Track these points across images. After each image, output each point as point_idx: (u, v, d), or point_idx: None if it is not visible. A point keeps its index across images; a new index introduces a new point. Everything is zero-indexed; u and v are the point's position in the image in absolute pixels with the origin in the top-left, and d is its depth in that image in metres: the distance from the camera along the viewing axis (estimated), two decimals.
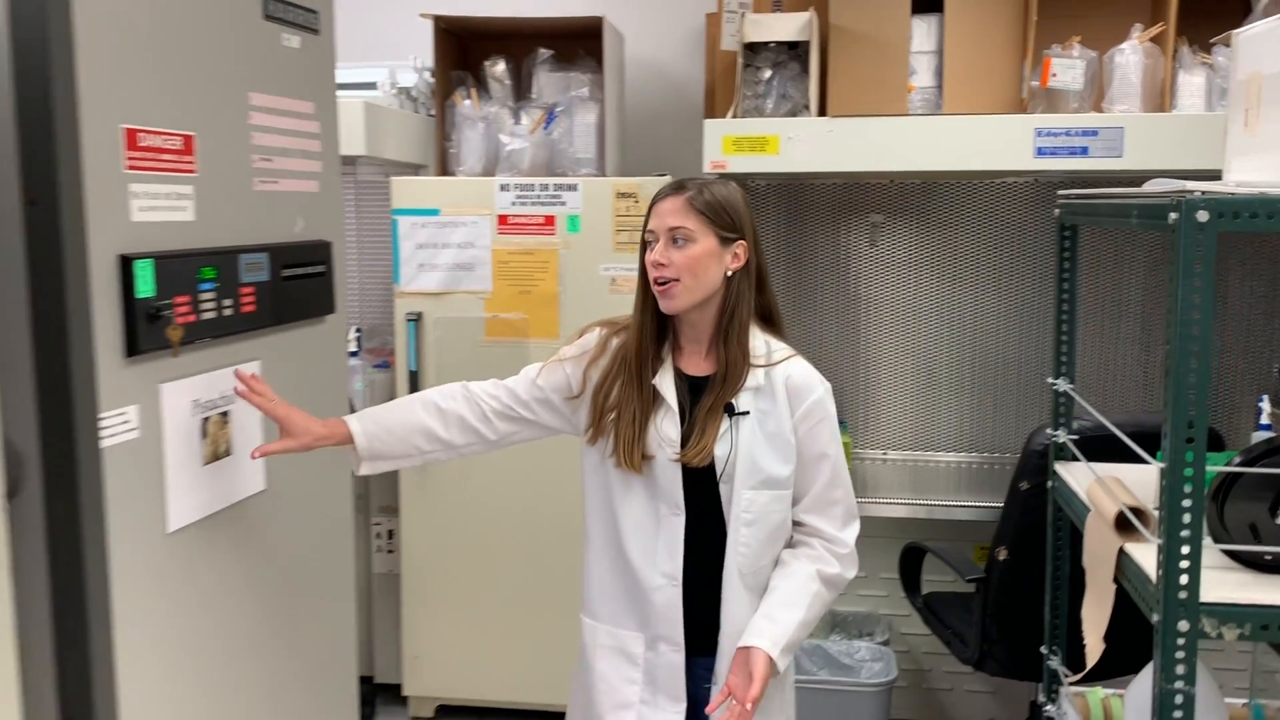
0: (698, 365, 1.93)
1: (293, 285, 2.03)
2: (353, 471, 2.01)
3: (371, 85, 3.53)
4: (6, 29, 1.40)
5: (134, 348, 1.59)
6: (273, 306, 1.95)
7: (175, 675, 1.71)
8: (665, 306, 1.87)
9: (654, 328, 1.91)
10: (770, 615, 1.83)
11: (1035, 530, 2.49)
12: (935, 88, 3.17)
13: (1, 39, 1.40)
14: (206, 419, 1.79)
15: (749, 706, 1.73)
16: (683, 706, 1.92)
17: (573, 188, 3.30)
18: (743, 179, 3.55)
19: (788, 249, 3.67)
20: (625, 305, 3.16)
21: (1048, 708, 2.27)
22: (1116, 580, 1.69)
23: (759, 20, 3.18)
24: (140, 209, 1.62)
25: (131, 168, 1.60)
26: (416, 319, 3.37)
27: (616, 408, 1.90)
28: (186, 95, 1.73)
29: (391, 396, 3.45)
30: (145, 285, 1.61)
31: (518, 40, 3.63)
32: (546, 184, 3.33)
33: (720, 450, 1.86)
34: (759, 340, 1.90)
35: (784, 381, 1.88)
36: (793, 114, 3.20)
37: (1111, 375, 3.58)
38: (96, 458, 1.50)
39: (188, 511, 1.75)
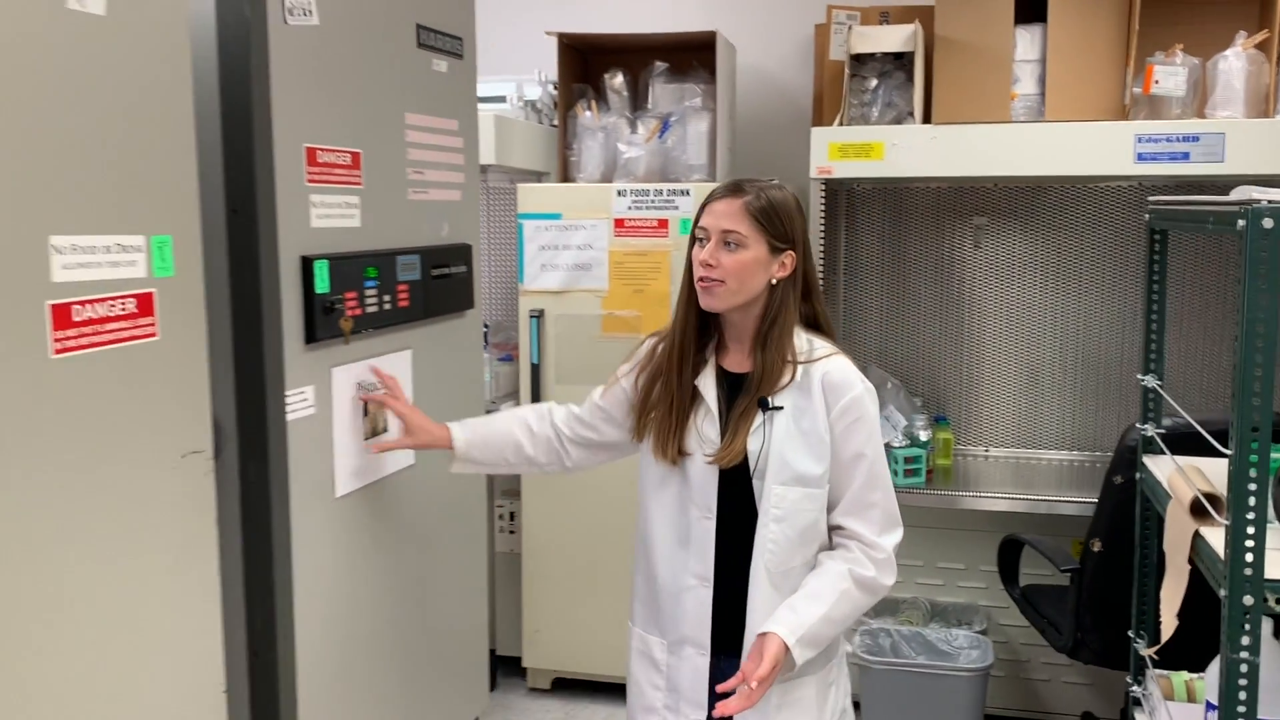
0: (739, 363, 1.92)
1: (439, 283, 2.28)
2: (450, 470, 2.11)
3: (501, 99, 3.79)
4: (216, 71, 1.67)
5: (312, 336, 1.85)
6: (423, 302, 2.21)
7: (338, 618, 1.97)
8: (704, 303, 1.86)
9: (696, 323, 1.91)
10: (792, 605, 1.81)
11: (1127, 522, 2.58)
12: (1038, 95, 3.27)
13: (212, 78, 1.67)
14: (368, 400, 2.05)
15: (754, 685, 1.70)
16: (703, 714, 1.90)
17: (685, 193, 3.50)
18: (847, 184, 3.70)
19: (891, 250, 3.80)
20: None
21: (1134, 689, 2.38)
22: (1191, 562, 1.81)
23: (865, 32, 3.33)
24: (318, 216, 1.88)
25: (311, 181, 1.86)
26: (539, 316, 3.61)
27: (658, 402, 1.91)
28: (354, 117, 1.99)
29: (515, 388, 3.71)
30: (322, 282, 1.87)
31: (635, 54, 3.85)
32: (660, 189, 3.53)
33: (753, 445, 1.84)
34: (801, 339, 1.88)
35: (821, 378, 1.85)
36: (897, 121, 3.34)
37: (1212, 373, 3.62)
38: (283, 429, 1.77)
39: (351, 479, 2.01)
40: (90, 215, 1.38)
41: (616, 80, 3.82)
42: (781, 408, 1.83)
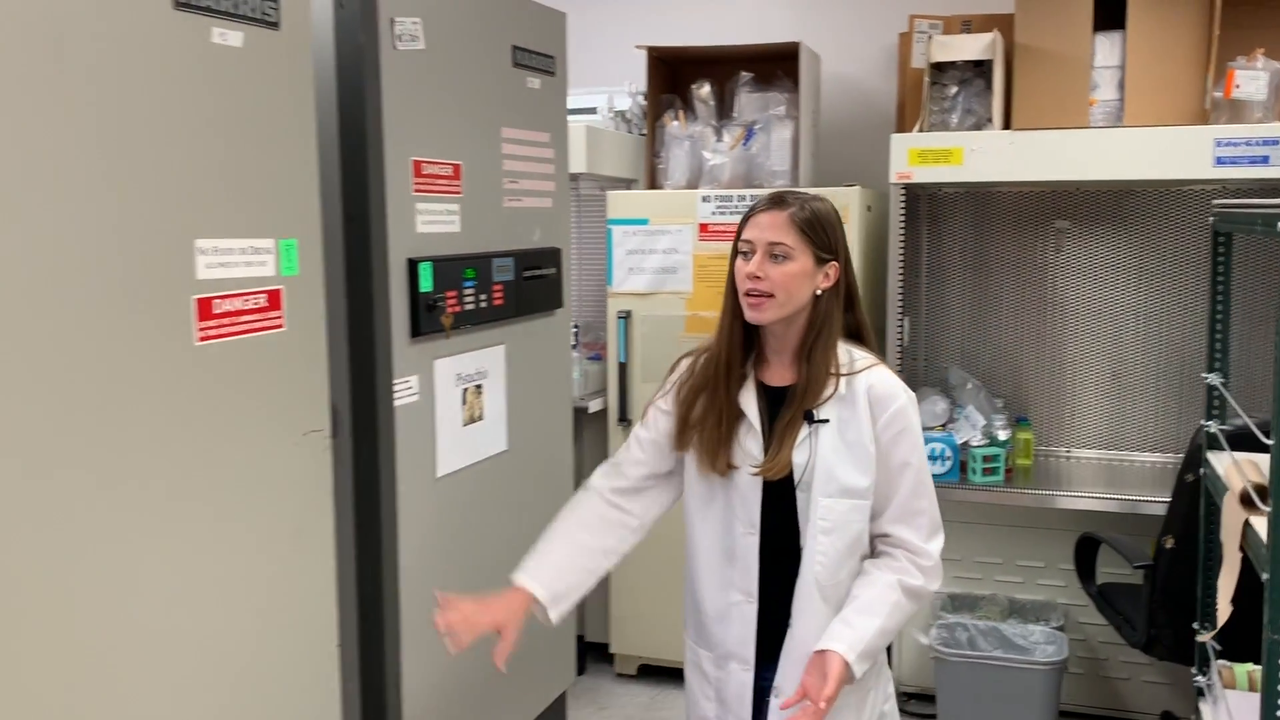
0: (780, 376, 1.91)
1: (531, 284, 2.46)
2: (547, 623, 1.90)
3: (592, 110, 3.98)
4: (335, 92, 1.87)
5: (417, 330, 2.05)
6: (516, 301, 2.39)
7: (436, 586, 2.16)
8: (751, 317, 1.85)
9: (741, 336, 1.90)
10: (848, 621, 1.81)
11: (1199, 519, 2.63)
12: (1118, 100, 3.32)
13: (331, 99, 1.87)
14: (465, 389, 2.23)
15: (822, 705, 1.71)
16: None
17: None
18: (929, 188, 3.78)
19: (973, 253, 3.87)
20: None
21: (1198, 679, 2.44)
22: (1242, 549, 1.88)
23: (945, 41, 3.42)
24: (423, 222, 2.07)
25: (417, 190, 2.05)
26: (626, 316, 3.78)
27: (704, 416, 1.89)
28: (455, 131, 2.18)
29: (603, 386, 3.88)
30: (426, 282, 2.06)
31: (722, 65, 3.99)
32: (744, 195, 3.67)
33: (798, 458, 1.84)
34: (842, 350, 1.88)
35: (865, 390, 1.85)
36: (976, 128, 3.42)
37: None
38: (391, 414, 1.96)
39: (450, 462, 2.19)
40: (228, 221, 1.58)
41: (703, 90, 3.97)
42: (827, 420, 1.83)
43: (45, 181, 1.31)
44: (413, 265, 2.02)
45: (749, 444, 1.86)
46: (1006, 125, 3.38)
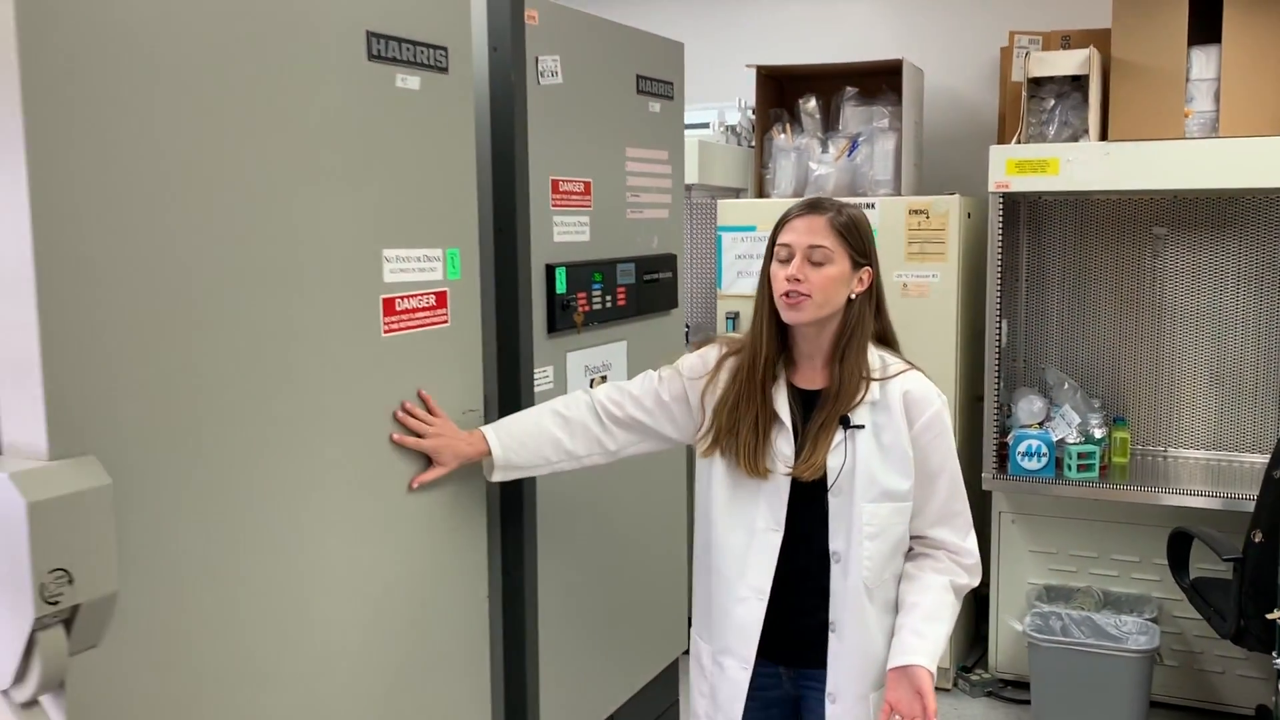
0: (811, 379, 1.94)
1: (650, 287, 2.73)
2: (486, 478, 2.06)
3: (704, 125, 4.25)
4: (489, 123, 2.17)
5: (552, 327, 2.33)
6: (637, 302, 2.66)
7: (565, 551, 2.45)
8: (789, 317, 1.88)
9: (776, 339, 1.93)
10: (918, 631, 1.85)
11: None
12: (1213, 112, 3.44)
13: (485, 129, 2.17)
14: (592, 379, 2.52)
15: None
16: None
17: (871, 206, 3.84)
18: (1029, 196, 3.93)
19: (1072, 259, 4.02)
20: (916, 308, 3.69)
21: (1277, 662, 2.57)
22: None
23: (1042, 57, 3.59)
24: (558, 233, 2.36)
25: (554, 205, 2.34)
26: (734, 317, 4.03)
27: (737, 421, 1.92)
28: (586, 153, 2.46)
29: None
30: (560, 285, 2.34)
31: (827, 80, 4.22)
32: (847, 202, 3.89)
33: (833, 463, 1.86)
34: (873, 355, 1.92)
35: (901, 395, 1.88)
36: (1073, 139, 3.58)
37: None
38: (532, 398, 2.25)
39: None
40: (407, 233, 1.89)
41: (809, 104, 4.20)
42: (863, 426, 1.86)
43: (271, 201, 1.63)
44: (550, 270, 2.31)
45: (781, 444, 1.89)
46: (1103, 137, 3.52)
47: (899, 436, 1.87)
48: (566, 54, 2.32)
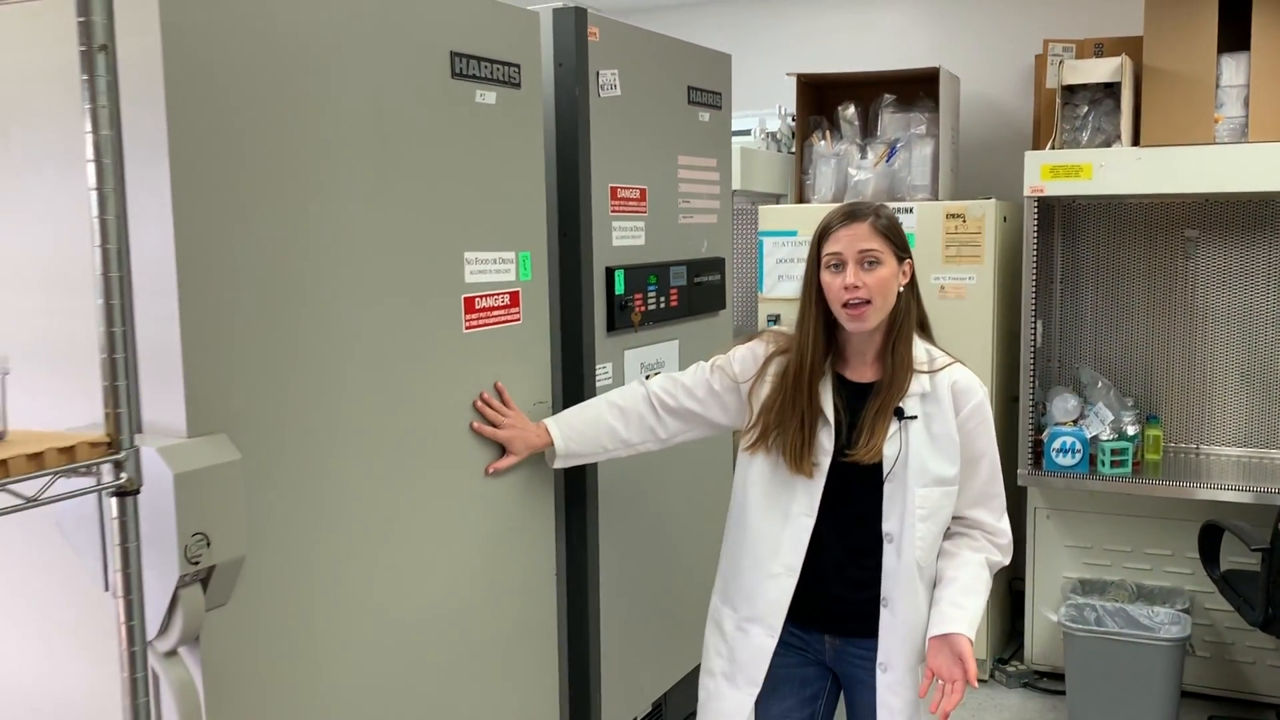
0: (861, 373, 2.05)
1: (700, 288, 2.89)
2: (549, 465, 2.24)
3: (746, 132, 4.40)
4: (555, 135, 2.34)
5: (611, 326, 2.49)
6: (688, 302, 2.82)
7: (623, 533, 2.61)
8: (854, 327, 1.98)
9: (825, 343, 2.03)
10: (957, 603, 1.99)
11: None
12: (1243, 118, 3.55)
13: (551, 140, 2.34)
14: (647, 375, 2.68)
15: (974, 683, 1.93)
16: (756, 690, 2.08)
17: (908, 210, 3.98)
18: (1063, 200, 4.05)
19: (1106, 261, 4.13)
20: (953, 310, 3.83)
21: None
22: None
23: (1075, 65, 3.71)
24: (617, 237, 2.52)
25: (613, 211, 2.50)
26: (775, 319, 4.17)
27: (783, 421, 2.02)
28: (642, 161, 2.62)
29: None
30: (619, 286, 2.51)
31: (866, 88, 4.35)
32: (886, 207, 4.02)
33: (889, 451, 1.98)
34: (919, 349, 2.04)
35: (949, 386, 2.01)
36: (1106, 144, 3.70)
37: None
38: (593, 392, 2.42)
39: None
40: (485, 238, 2.06)
41: (848, 112, 4.34)
42: (916, 417, 2.00)
43: (370, 209, 1.80)
44: (609, 273, 2.47)
45: (823, 438, 2.01)
46: (1136, 142, 3.64)
47: (948, 426, 2.00)
48: (624, 68, 2.49)
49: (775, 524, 2.05)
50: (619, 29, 2.50)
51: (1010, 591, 4.26)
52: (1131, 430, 3.77)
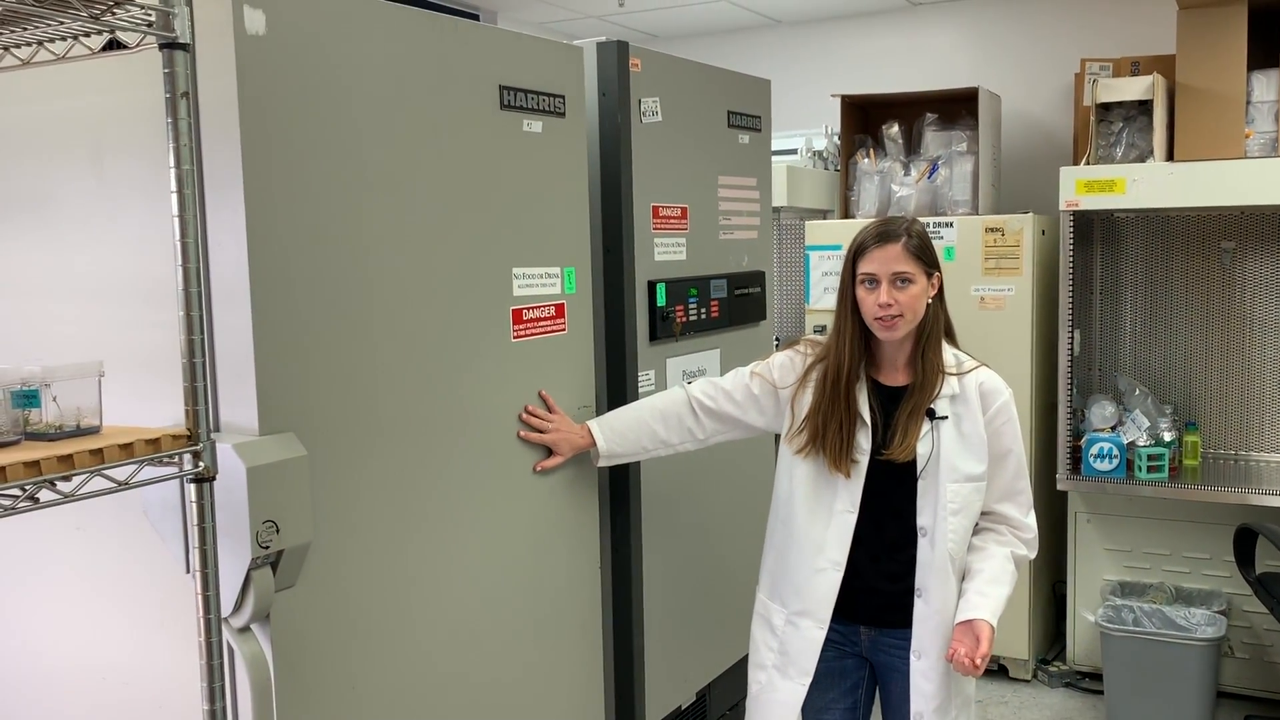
0: (894, 377, 2.20)
1: (740, 300, 3.04)
2: (593, 464, 2.39)
3: (792, 151, 4.55)
4: (599, 158, 2.51)
5: (654, 336, 2.66)
6: (728, 314, 2.97)
7: (666, 539, 2.76)
8: (887, 337, 2.14)
9: (860, 350, 2.18)
10: (982, 591, 2.11)
11: None
12: (1273, 132, 3.62)
13: (595, 163, 2.52)
14: (689, 380, 2.83)
15: (979, 662, 2.02)
16: (808, 680, 2.21)
17: (949, 224, 4.09)
18: (1099, 214, 4.13)
19: (1144, 272, 4.20)
20: (993, 321, 3.94)
21: None
22: None
23: (1110, 84, 3.80)
24: (659, 253, 2.69)
25: (655, 229, 2.67)
26: (821, 329, 4.30)
27: (827, 423, 2.16)
28: (683, 181, 2.79)
29: None
30: (661, 298, 2.67)
31: (909, 107, 4.48)
32: (927, 222, 4.13)
33: (922, 449, 2.12)
34: (948, 354, 2.18)
35: (977, 387, 2.15)
36: (1140, 160, 3.78)
37: None
38: (637, 399, 2.58)
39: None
40: (532, 254, 2.24)
41: (892, 130, 4.47)
42: (946, 417, 2.14)
43: (427, 229, 1.99)
44: (651, 286, 2.64)
45: (861, 439, 2.15)
46: (1169, 157, 3.72)
47: (976, 425, 2.14)
48: (665, 95, 2.66)
49: (820, 521, 2.18)
50: (660, 59, 2.67)
51: (1053, 594, 4.33)
52: (1168, 436, 3.83)
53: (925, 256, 2.14)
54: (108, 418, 1.58)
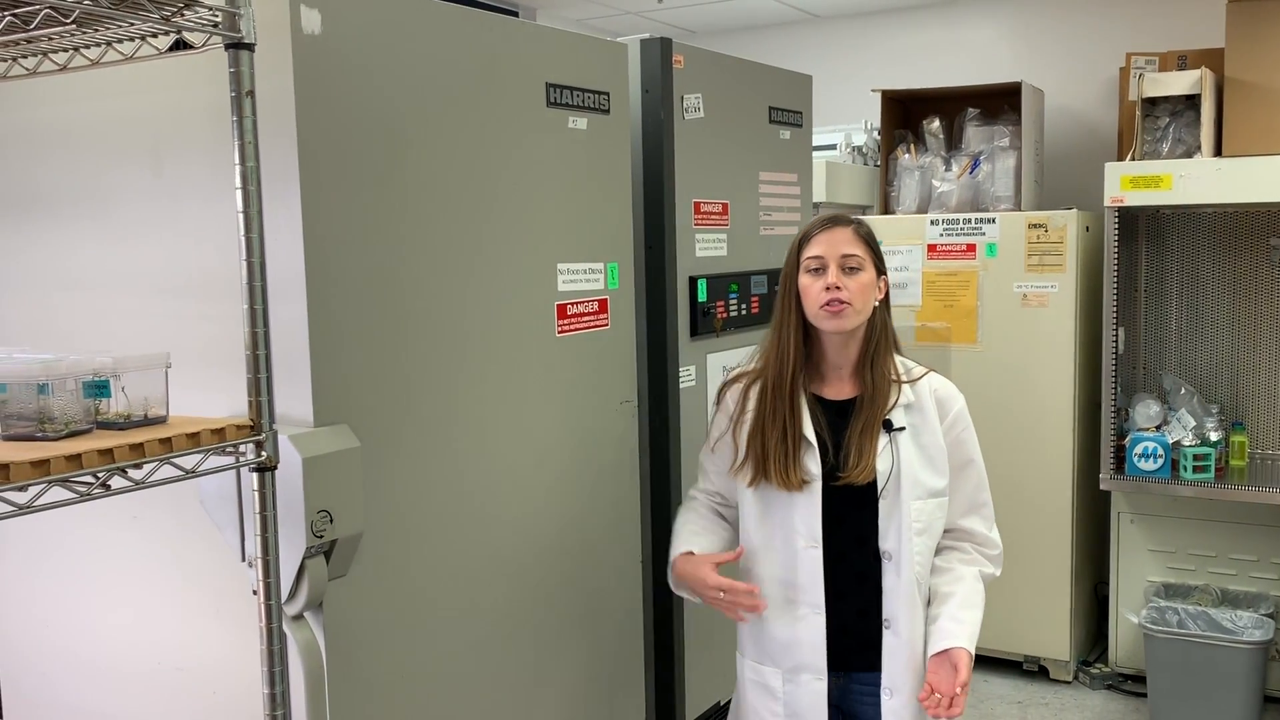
0: (839, 389, 2.01)
1: None
2: None
3: (832, 147, 4.54)
4: (641, 154, 2.53)
5: (695, 331, 2.67)
6: (769, 310, 2.97)
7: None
8: (832, 325, 1.94)
9: (802, 352, 1.99)
10: (956, 618, 1.94)
11: None
12: None
13: (638, 159, 2.53)
14: (727, 375, 2.84)
15: (958, 692, 1.86)
16: None
17: (991, 221, 4.07)
18: (1148, 210, 4.09)
19: (1191, 269, 4.15)
20: (1035, 318, 3.91)
21: None
22: None
23: (1156, 78, 3.77)
24: (700, 249, 2.70)
25: (697, 225, 2.68)
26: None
27: (765, 443, 1.97)
28: (724, 177, 2.80)
29: None
30: (702, 294, 2.68)
31: (950, 102, 4.46)
32: (969, 218, 4.12)
33: (882, 466, 1.94)
34: (895, 361, 2.02)
35: (931, 393, 1.99)
36: (1186, 155, 3.74)
37: None
38: (677, 393, 2.60)
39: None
40: (576, 250, 2.26)
41: (933, 125, 4.44)
42: (904, 428, 1.96)
43: (475, 224, 2.02)
44: (693, 281, 2.65)
45: (807, 462, 1.96)
46: (1217, 152, 3.68)
47: (935, 435, 1.99)
48: (707, 91, 2.67)
49: (786, 564, 2.00)
50: (702, 56, 2.68)
51: (1094, 595, 4.30)
52: (1214, 436, 3.79)
53: (874, 248, 2.01)
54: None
